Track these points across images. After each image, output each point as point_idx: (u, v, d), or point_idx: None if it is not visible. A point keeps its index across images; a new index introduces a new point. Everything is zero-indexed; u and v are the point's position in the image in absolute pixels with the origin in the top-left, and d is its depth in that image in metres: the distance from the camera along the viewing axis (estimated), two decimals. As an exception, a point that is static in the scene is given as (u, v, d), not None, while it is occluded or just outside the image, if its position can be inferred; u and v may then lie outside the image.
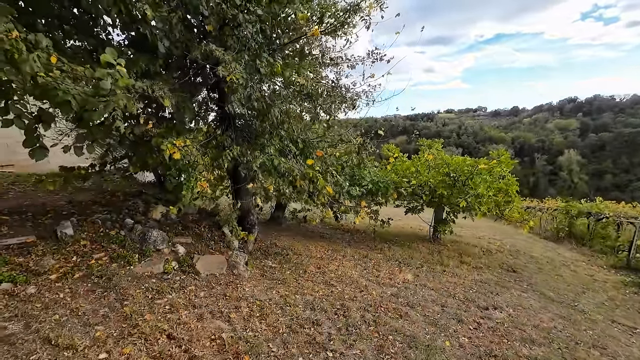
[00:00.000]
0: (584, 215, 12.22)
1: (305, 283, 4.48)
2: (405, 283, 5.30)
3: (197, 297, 3.42)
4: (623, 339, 4.25)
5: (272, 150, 4.55)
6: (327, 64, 5.43)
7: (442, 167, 8.07)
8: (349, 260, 6.45)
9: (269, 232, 8.18)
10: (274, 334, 2.88)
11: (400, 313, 3.78)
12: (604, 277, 7.64)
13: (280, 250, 6.53)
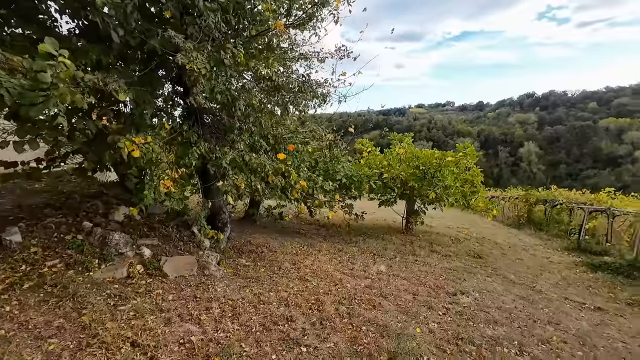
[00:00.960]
0: (541, 203, 13.20)
1: (280, 280, 4.45)
2: (379, 274, 5.43)
3: (164, 300, 3.27)
4: (574, 314, 4.64)
5: (242, 146, 4.42)
6: (297, 57, 5.35)
7: (412, 161, 8.32)
8: (324, 254, 6.49)
9: (243, 230, 8.02)
10: (246, 334, 2.83)
11: (373, 304, 3.86)
12: (559, 259, 8.30)
13: (255, 248, 6.43)
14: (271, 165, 4.26)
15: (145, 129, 3.43)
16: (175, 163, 3.51)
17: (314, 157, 8.07)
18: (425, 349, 2.90)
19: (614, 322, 4.49)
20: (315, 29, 4.76)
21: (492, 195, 18.79)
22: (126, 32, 3.01)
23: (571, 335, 3.82)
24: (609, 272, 6.93)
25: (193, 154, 3.56)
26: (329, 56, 5.56)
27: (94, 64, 3.04)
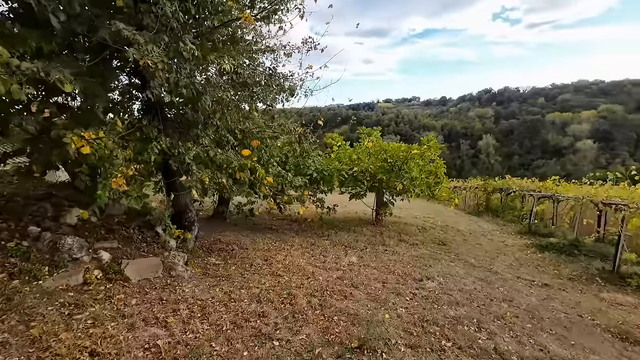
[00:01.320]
0: (498, 191, 14.26)
1: (252, 276, 4.40)
2: (351, 265, 5.56)
3: (127, 305, 3.09)
4: (525, 291, 5.10)
5: (207, 142, 4.27)
6: (263, 50, 5.24)
7: (381, 154, 8.56)
8: (297, 249, 6.51)
9: (213, 228, 7.80)
10: (217, 333, 2.77)
11: (345, 294, 3.96)
12: (513, 242, 9.04)
13: (225, 246, 6.29)
14: (238, 161, 4.15)
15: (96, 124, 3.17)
16: (134, 160, 3.29)
17: (284, 152, 8.01)
18: (393, 332, 3.04)
19: (558, 296, 5.01)
20: (281, 22, 4.69)
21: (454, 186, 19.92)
22: (70, 18, 2.74)
23: (522, 310, 4.20)
24: (554, 252, 7.69)
25: (152, 150, 3.36)
26: (296, 50, 5.52)
27: (33, 52, 2.74)
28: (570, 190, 9.68)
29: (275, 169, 5.26)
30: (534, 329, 3.63)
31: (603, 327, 3.92)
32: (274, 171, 5.18)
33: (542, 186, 12.03)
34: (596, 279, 5.88)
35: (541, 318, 3.99)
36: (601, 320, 4.12)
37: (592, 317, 4.24)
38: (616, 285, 5.61)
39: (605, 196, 7.43)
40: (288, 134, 5.73)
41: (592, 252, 7.32)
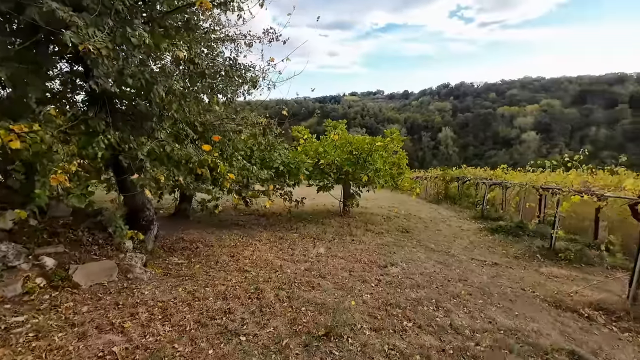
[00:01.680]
0: (455, 180, 15.25)
1: (217, 274, 4.28)
2: (319, 256, 5.64)
3: (77, 313, 2.86)
4: (478, 271, 5.56)
5: (164, 136, 4.02)
6: (222, 39, 5.01)
7: (346, 146, 8.70)
8: (265, 243, 6.44)
9: (175, 227, 7.44)
10: (179, 333, 2.67)
11: (312, 285, 4.02)
12: (468, 227, 9.76)
13: (189, 245, 6.04)
14: (198, 157, 3.97)
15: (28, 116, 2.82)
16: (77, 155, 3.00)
17: (249, 146, 7.82)
18: (359, 318, 3.16)
19: (505, 273, 5.53)
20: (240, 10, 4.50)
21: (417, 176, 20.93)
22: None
23: (475, 288, 4.58)
24: (503, 234, 8.45)
25: (99, 144, 3.08)
26: (257, 40, 5.35)
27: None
28: (516, 178, 10.64)
29: (239, 162, 5.11)
30: (484, 304, 3.99)
31: (541, 298, 4.41)
32: (238, 165, 5.04)
33: (493, 174, 13.07)
34: (537, 256, 6.59)
35: (491, 294, 4.39)
36: (540, 292, 4.64)
37: (533, 289, 4.75)
38: (553, 260, 6.33)
39: (544, 182, 8.28)
40: (252, 127, 5.58)
41: (534, 233, 8.16)
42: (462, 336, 2.97)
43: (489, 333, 3.09)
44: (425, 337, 2.89)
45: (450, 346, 2.77)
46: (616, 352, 3.13)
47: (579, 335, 3.40)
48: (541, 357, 2.72)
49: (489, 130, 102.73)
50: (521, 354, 2.73)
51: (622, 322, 3.78)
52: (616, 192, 4.73)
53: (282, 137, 8.35)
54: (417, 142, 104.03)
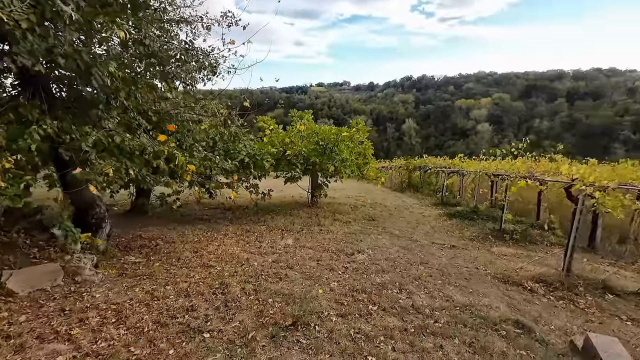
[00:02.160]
0: (417, 169, 15.97)
1: (179, 271, 4.08)
2: (287, 248, 5.61)
3: (13, 324, 2.55)
4: (438, 254, 5.91)
5: (112, 125, 3.66)
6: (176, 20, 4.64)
7: (313, 137, 8.66)
8: (231, 237, 6.27)
9: (132, 224, 6.96)
10: (136, 336, 2.51)
11: (280, 276, 4.00)
12: (429, 213, 10.31)
13: (148, 242, 5.69)
14: (152, 147, 3.69)
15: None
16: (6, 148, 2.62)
17: (211, 137, 7.48)
18: (326, 305, 3.21)
19: (462, 254, 5.95)
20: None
21: (382, 166, 21.60)
22: None
23: (435, 270, 4.86)
24: (460, 218, 9.06)
25: (31, 136, 2.72)
26: (215, 23, 5.04)
27: None
28: (471, 166, 11.40)
29: (200, 153, 4.84)
30: (443, 284, 4.26)
31: (492, 275, 4.82)
32: (199, 156, 4.77)
33: (451, 163, 13.88)
34: (489, 237, 7.16)
35: (449, 274, 4.69)
36: (491, 269, 5.06)
37: (485, 268, 5.17)
38: (502, 240, 6.93)
39: (495, 169, 8.96)
40: (213, 117, 5.30)
41: (487, 216, 8.85)
42: (422, 315, 3.15)
43: (447, 310, 3.30)
44: (389, 319, 3.01)
45: (412, 325, 2.92)
46: (553, 318, 3.53)
47: (523, 306, 3.77)
48: (491, 328, 2.98)
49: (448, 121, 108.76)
50: (474, 327, 2.97)
51: (558, 292, 4.26)
52: (554, 177, 5.25)
53: (247, 128, 8.10)
54: (382, 133, 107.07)
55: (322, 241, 6.23)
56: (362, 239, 6.67)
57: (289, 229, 7.28)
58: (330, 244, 6.06)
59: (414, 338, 2.70)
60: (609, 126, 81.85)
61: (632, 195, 4.38)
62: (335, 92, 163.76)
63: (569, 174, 4.47)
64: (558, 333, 3.13)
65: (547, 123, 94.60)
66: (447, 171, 12.50)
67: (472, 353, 2.54)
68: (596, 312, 3.80)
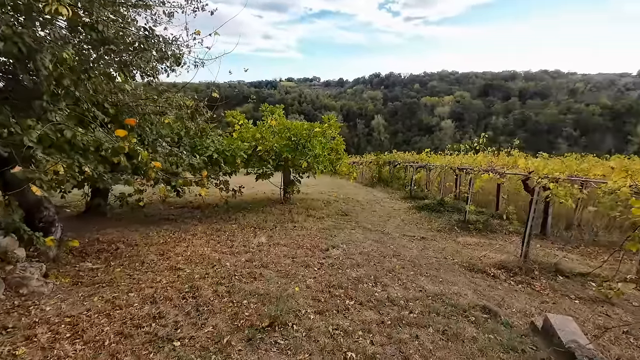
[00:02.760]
0: (387, 164, 16.41)
1: (143, 276, 3.79)
2: (260, 246, 5.47)
3: (-59, 349, 2.20)
4: (409, 246, 6.10)
5: (60, 118, 3.28)
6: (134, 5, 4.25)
7: (284, 132, 8.51)
8: (201, 237, 5.99)
9: (88, 226, 6.41)
10: (96, 350, 2.28)
11: (254, 275, 3.87)
12: (399, 206, 10.64)
13: (107, 246, 5.25)
14: (110, 143, 3.37)
15: None
16: None
17: (176, 132, 7.06)
18: (303, 303, 3.16)
19: (431, 245, 6.20)
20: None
21: (354, 162, 21.92)
22: None
23: (407, 262, 5.02)
24: (428, 211, 9.45)
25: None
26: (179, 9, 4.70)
27: None
28: (437, 160, 11.93)
29: (164, 149, 4.52)
30: (415, 275, 4.40)
31: (459, 264, 5.07)
32: (164, 151, 4.45)
33: (419, 158, 14.43)
34: (455, 228, 7.55)
35: (420, 265, 4.87)
36: (458, 259, 5.33)
37: (453, 257, 5.43)
38: (467, 230, 7.34)
39: (459, 164, 9.45)
40: (179, 110, 4.97)
41: (452, 208, 9.33)
42: (398, 307, 3.22)
43: (420, 300, 3.41)
44: (366, 313, 3.04)
45: (389, 318, 2.97)
46: (514, 301, 3.79)
47: (488, 291, 4.01)
48: (461, 315, 3.13)
49: (415, 118, 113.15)
50: (446, 315, 3.09)
51: (517, 277, 4.59)
52: (512, 170, 5.63)
53: (215, 123, 7.74)
54: (352, 128, 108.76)
55: (296, 238, 6.17)
56: (336, 234, 6.71)
57: (261, 226, 7.12)
58: (305, 240, 6.02)
59: (390, 330, 2.75)
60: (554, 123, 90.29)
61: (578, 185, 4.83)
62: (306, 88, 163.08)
63: (526, 167, 4.82)
64: (519, 315, 3.36)
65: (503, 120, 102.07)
66: (415, 166, 12.97)
67: (445, 340, 2.64)
68: (550, 294, 4.15)
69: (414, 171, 12.71)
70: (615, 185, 2.98)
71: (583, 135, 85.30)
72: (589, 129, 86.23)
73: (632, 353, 2.81)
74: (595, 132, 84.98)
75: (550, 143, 76.26)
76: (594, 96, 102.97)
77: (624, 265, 4.92)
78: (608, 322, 3.49)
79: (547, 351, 2.55)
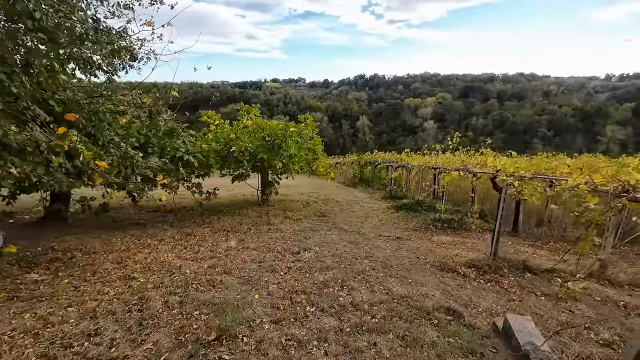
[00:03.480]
0: (369, 164, 16.42)
1: (90, 287, 3.49)
2: (228, 250, 5.24)
3: None
4: (383, 246, 6.02)
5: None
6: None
7: (259, 132, 8.29)
8: (167, 243, 5.69)
9: (45, 234, 5.97)
10: (11, 377, 2.02)
11: (213, 283, 3.65)
12: (379, 206, 10.60)
13: (61, 255, 4.87)
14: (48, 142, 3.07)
15: None
16: None
17: (144, 132, 6.70)
18: (260, 312, 2.98)
19: (405, 245, 6.14)
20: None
21: (337, 162, 21.86)
22: None
23: (379, 263, 4.92)
24: (406, 210, 9.45)
25: None
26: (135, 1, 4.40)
27: None
28: (416, 160, 12.00)
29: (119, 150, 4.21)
30: (385, 276, 4.30)
31: (431, 264, 5.02)
32: (117, 153, 4.15)
33: (399, 158, 14.50)
34: (430, 227, 7.55)
35: (391, 266, 4.78)
36: (430, 258, 5.28)
37: (425, 257, 5.38)
38: (442, 229, 7.35)
39: (433, 163, 9.50)
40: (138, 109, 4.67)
41: (429, 207, 9.35)
42: (360, 312, 3.09)
43: (385, 304, 3.30)
44: (326, 320, 2.89)
45: (349, 324, 2.83)
46: (481, 300, 3.75)
47: (456, 291, 3.96)
48: (425, 317, 3.03)
49: (398, 119, 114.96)
50: (409, 318, 2.99)
51: (487, 275, 4.58)
52: (483, 168, 5.65)
53: (183, 122, 7.44)
54: (338, 129, 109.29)
55: (269, 241, 5.97)
56: (311, 235, 6.55)
57: (235, 229, 6.88)
58: (277, 243, 5.83)
59: (348, 338, 2.61)
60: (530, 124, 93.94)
61: (546, 183, 4.89)
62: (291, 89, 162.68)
63: (494, 165, 4.83)
64: (485, 315, 3.31)
65: (482, 121, 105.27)
66: (395, 165, 13.01)
67: (404, 347, 2.53)
68: (517, 291, 4.14)
69: (394, 171, 12.74)
70: (574, 182, 2.97)
71: (557, 135, 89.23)
72: (562, 130, 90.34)
73: (592, 349, 2.79)
74: (568, 132, 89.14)
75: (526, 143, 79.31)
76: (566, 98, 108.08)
77: (588, 260, 5.02)
78: (571, 318, 3.50)
79: (506, 353, 2.48)
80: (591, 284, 4.47)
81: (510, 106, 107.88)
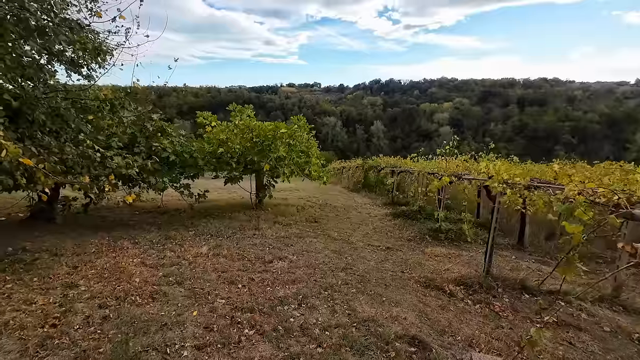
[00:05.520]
0: (373, 169, 15.86)
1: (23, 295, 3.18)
2: (196, 257, 4.90)
3: None
4: (369, 257, 5.52)
5: None
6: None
7: (247, 133, 8.00)
8: (141, 246, 5.43)
9: (28, 233, 5.88)
10: None
11: (154, 296, 3.29)
12: (377, 213, 10.04)
13: (28, 257, 4.69)
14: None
15: None
16: None
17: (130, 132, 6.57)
18: (189, 333, 2.57)
19: (393, 257, 5.61)
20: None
21: (342, 167, 21.40)
22: None
23: (356, 276, 4.43)
24: (404, 218, 8.85)
25: None
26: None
27: None
28: (419, 166, 11.37)
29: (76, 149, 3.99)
30: (356, 292, 3.82)
31: (415, 279, 4.48)
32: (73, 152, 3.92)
33: (404, 163, 13.89)
34: (426, 237, 6.95)
35: (368, 280, 4.28)
36: (416, 272, 4.74)
37: (411, 271, 4.84)
38: (437, 240, 6.75)
39: (430, 168, 8.88)
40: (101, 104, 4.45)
41: (430, 215, 8.73)
42: (307, 337, 2.64)
43: (341, 328, 2.83)
44: (261, 347, 2.45)
45: (285, 354, 2.38)
46: (463, 326, 3.20)
47: (435, 314, 3.43)
48: (381, 349, 2.54)
49: (414, 124, 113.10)
50: (361, 349, 2.50)
51: (477, 295, 4.00)
52: (481, 175, 5.07)
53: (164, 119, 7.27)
54: (352, 134, 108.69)
55: (245, 247, 5.61)
56: (294, 243, 6.15)
57: (219, 233, 6.57)
58: (253, 250, 5.46)
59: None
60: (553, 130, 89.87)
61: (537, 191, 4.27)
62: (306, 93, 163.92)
63: (487, 171, 4.28)
64: (461, 346, 2.78)
65: (501, 126, 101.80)
66: (398, 170, 12.43)
67: (341, 389, 2.06)
68: (509, 315, 3.56)
69: (396, 176, 12.16)
70: (571, 192, 2.43)
71: (581, 142, 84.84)
72: (587, 136, 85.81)
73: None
74: (594, 139, 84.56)
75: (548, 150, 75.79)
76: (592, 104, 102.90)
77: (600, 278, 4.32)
78: (569, 353, 2.91)
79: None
80: (601, 310, 3.82)
81: (531, 112, 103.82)
